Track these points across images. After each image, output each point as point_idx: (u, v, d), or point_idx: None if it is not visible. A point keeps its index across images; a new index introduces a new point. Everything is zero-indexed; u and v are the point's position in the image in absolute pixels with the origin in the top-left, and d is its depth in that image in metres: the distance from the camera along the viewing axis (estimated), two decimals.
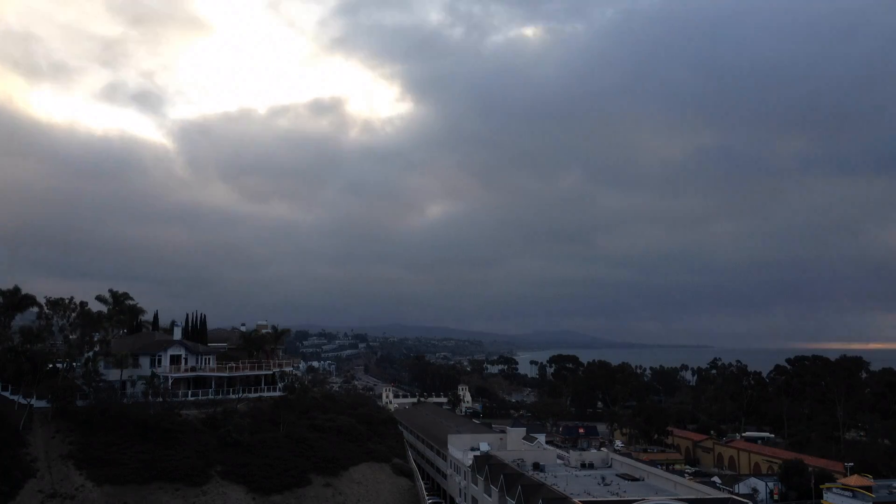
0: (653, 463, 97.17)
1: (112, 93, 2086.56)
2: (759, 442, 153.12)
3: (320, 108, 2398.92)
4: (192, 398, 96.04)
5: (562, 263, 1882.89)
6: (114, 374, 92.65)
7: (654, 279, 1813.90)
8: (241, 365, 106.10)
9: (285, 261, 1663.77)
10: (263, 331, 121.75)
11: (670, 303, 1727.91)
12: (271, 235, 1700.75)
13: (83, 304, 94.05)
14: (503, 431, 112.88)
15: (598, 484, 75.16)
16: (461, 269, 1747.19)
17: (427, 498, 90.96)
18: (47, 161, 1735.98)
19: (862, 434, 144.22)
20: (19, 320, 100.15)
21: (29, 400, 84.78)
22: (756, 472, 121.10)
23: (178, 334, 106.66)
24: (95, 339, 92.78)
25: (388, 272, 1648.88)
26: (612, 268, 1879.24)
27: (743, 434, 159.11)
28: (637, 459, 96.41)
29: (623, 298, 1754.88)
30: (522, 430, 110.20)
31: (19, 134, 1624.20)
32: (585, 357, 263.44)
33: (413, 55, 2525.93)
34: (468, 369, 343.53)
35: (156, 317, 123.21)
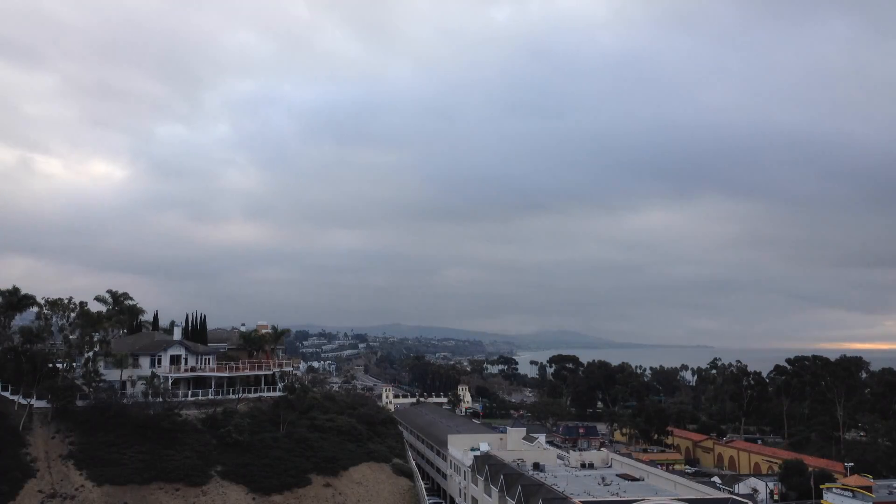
0: (653, 463, 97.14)
1: None
2: (759, 442, 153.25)
3: None
4: (192, 398, 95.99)
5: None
6: (114, 374, 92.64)
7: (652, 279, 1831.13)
8: (241, 365, 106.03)
9: (284, 262, 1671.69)
10: (263, 331, 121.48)
11: (670, 302, 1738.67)
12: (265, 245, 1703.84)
13: (83, 304, 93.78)
14: (503, 431, 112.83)
15: (598, 484, 75.09)
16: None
17: (427, 498, 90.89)
18: None
19: (862, 434, 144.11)
20: (19, 320, 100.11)
21: (29, 400, 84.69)
22: (756, 472, 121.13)
23: (178, 334, 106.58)
24: (95, 339, 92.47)
25: (385, 273, 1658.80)
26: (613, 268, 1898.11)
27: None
28: (637, 459, 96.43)
29: (624, 299, 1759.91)
30: (522, 430, 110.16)
31: None
32: (585, 357, 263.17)
33: None
34: (468, 369, 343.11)
35: (156, 317, 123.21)
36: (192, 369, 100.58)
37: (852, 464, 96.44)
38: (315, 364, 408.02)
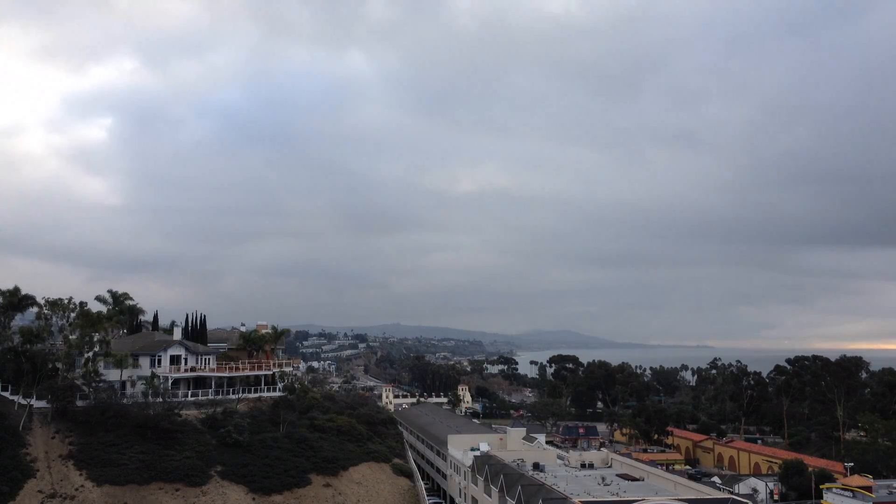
0: (653, 463, 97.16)
1: None
2: (759, 442, 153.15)
3: None
4: (192, 398, 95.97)
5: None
6: (114, 374, 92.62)
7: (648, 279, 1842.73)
8: (241, 365, 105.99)
9: (285, 263, 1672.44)
10: (263, 331, 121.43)
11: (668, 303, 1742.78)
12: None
13: (83, 304, 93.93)
14: (503, 431, 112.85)
15: (598, 484, 75.11)
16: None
17: (427, 498, 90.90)
18: None
19: (862, 434, 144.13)
20: (19, 320, 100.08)
21: (29, 400, 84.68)
22: (756, 472, 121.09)
23: (177, 334, 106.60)
24: (95, 339, 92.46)
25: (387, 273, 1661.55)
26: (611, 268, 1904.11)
27: None
28: (637, 459, 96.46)
29: (622, 298, 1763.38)
30: (522, 431, 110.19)
31: None
32: (585, 357, 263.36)
33: None
34: (468, 369, 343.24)
35: (156, 317, 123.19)
36: (192, 369, 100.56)
37: (852, 464, 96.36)
38: (315, 364, 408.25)
